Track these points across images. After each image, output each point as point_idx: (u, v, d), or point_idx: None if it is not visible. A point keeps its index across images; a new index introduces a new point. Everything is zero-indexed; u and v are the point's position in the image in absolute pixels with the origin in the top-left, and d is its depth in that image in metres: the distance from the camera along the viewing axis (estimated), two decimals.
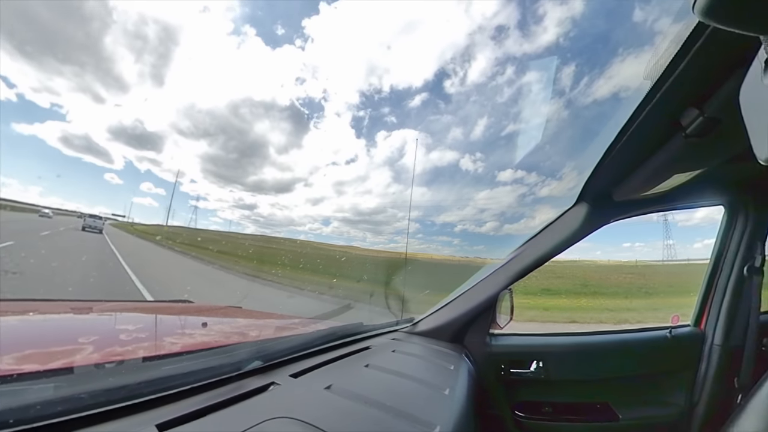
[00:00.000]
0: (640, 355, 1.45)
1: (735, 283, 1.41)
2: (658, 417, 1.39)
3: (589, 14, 47.86)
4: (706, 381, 1.38)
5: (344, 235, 35.13)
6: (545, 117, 5.94)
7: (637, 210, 1.32)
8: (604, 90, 36.06)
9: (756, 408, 0.91)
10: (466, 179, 46.30)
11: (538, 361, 1.36)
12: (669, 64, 0.65)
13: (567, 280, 14.94)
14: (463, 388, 0.89)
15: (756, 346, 1.34)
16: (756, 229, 1.39)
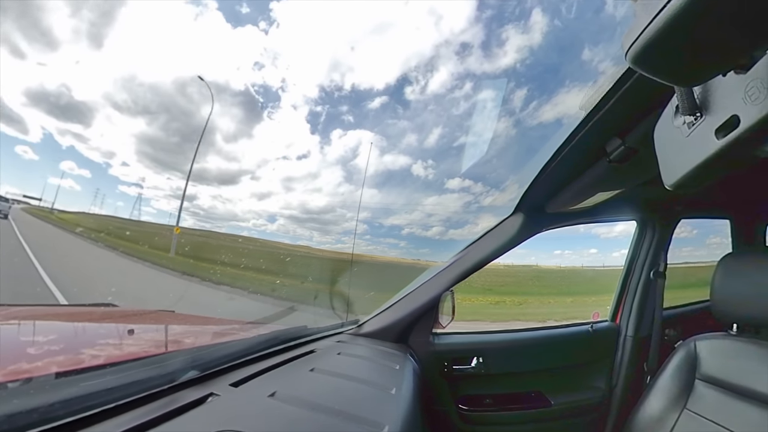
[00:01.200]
0: (566, 347, 1.62)
1: (643, 285, 1.67)
2: (583, 400, 1.56)
3: (545, 46, 51.82)
4: (622, 367, 1.62)
5: (290, 233, 33.97)
6: (493, 132, 6.36)
7: (567, 221, 1.50)
8: (549, 115, 39.37)
9: (660, 387, 1.20)
10: (416, 184, 47.32)
11: (479, 357, 1.45)
12: (601, 99, 0.76)
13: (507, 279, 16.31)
14: (409, 386, 0.91)
15: (660, 336, 1.62)
16: (660, 241, 1.67)
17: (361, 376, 0.89)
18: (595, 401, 1.57)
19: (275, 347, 0.93)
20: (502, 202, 1.54)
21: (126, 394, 0.51)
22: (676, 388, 1.17)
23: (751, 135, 0.38)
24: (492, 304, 12.55)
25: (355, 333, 1.39)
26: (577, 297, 13.69)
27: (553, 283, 19.00)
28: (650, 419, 1.18)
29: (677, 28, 0.30)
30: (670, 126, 0.51)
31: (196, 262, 10.79)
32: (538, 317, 10.33)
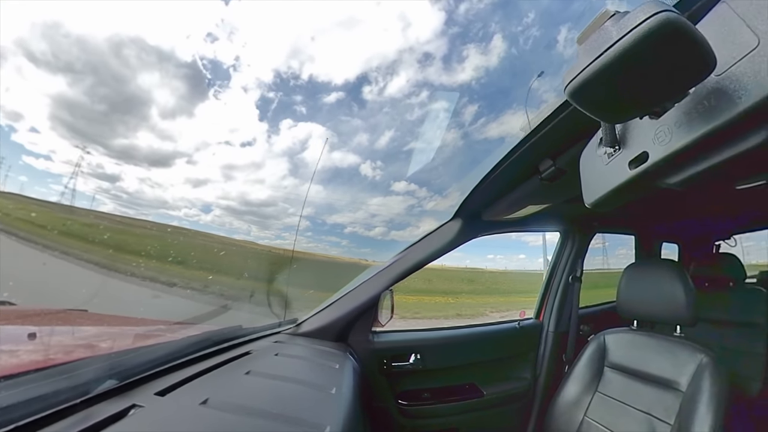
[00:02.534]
0: (496, 342, 1.76)
1: (563, 288, 1.88)
2: (512, 389, 1.72)
3: (500, 70, 54.90)
4: (545, 358, 1.82)
5: (226, 225, 31.85)
6: (441, 141, 6.71)
7: (500, 229, 1.62)
8: (494, 132, 41.84)
9: (576, 374, 1.38)
10: (363, 184, 47.16)
11: (416, 353, 1.51)
12: (540, 124, 0.84)
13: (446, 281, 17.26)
14: (349, 385, 0.91)
15: (576, 331, 1.86)
16: (579, 250, 1.92)
17: (300, 376, 0.88)
18: (522, 389, 1.74)
19: (207, 350, 0.88)
20: (443, 208, 1.63)
21: (28, 413, 0.44)
22: (589, 374, 1.37)
23: (656, 169, 0.46)
24: (446, 303, 13.34)
25: (293, 333, 1.37)
26: (510, 296, 14.95)
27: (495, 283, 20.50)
28: (569, 402, 1.36)
29: (608, 76, 0.35)
30: (594, 154, 0.59)
31: (116, 253, 9.68)
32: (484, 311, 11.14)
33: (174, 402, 0.60)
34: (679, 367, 1.14)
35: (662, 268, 1.28)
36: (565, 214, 1.72)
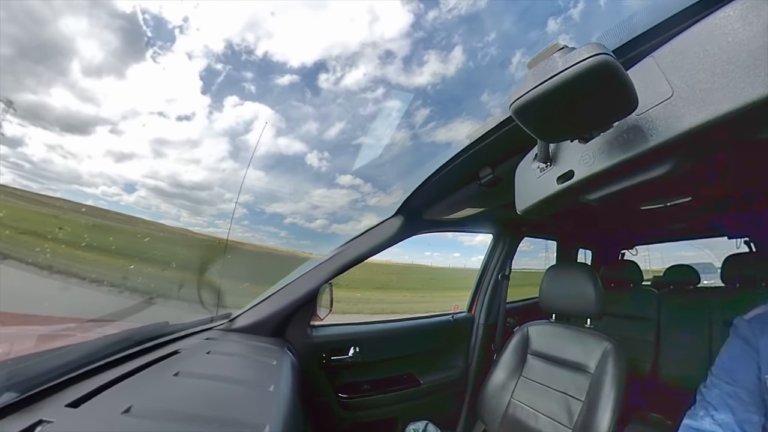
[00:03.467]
0: (432, 334, 1.85)
1: (493, 284, 2.04)
2: (447, 377, 1.83)
3: (456, 80, 56.44)
4: (475, 348, 1.97)
5: (152, 208, 28.88)
6: (390, 139, 6.73)
7: (439, 228, 1.70)
8: (442, 136, 43.17)
9: (503, 362, 1.52)
10: (307, 174, 45.87)
11: (355, 346, 1.53)
12: (484, 134, 0.90)
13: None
14: (287, 381, 0.90)
15: (503, 323, 2.04)
16: (508, 251, 2.11)
17: (235, 375, 0.84)
18: (455, 377, 1.87)
19: (128, 351, 0.81)
20: (386, 204, 1.65)
21: None
22: (515, 361, 1.54)
23: (579, 186, 0.53)
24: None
25: (226, 328, 1.30)
26: (446, 292, 15.72)
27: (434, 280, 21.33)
28: (497, 387, 1.53)
29: (549, 100, 0.39)
30: (528, 167, 0.65)
31: (13, 234, 8.30)
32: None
33: (90, 413, 0.54)
34: (588, 353, 1.33)
35: (577, 271, 1.47)
36: (498, 218, 1.87)
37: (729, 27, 0.35)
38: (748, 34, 0.34)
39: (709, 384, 0.89)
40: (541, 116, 0.42)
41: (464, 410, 1.90)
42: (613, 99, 0.39)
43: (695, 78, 0.38)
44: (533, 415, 1.39)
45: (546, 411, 1.36)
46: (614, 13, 3.91)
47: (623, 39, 0.56)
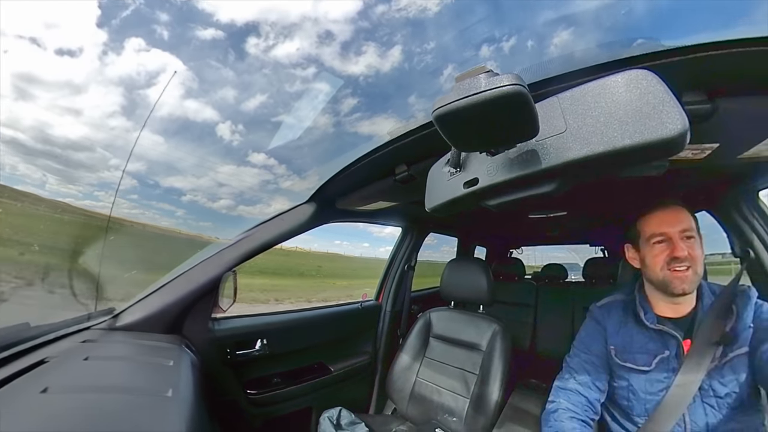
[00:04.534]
0: (341, 322, 1.88)
1: (399, 274, 2.17)
2: (356, 363, 1.87)
3: (389, 76, 56.00)
4: (383, 334, 2.07)
5: (6, 169, 22.17)
6: (312, 122, 6.30)
7: (352, 218, 1.72)
8: (365, 128, 42.94)
9: (408, 345, 1.66)
10: (216, 146, 41.16)
11: (262, 339, 1.46)
12: (405, 133, 0.94)
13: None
14: (188, 383, 0.80)
15: (408, 310, 2.18)
16: (415, 244, 2.25)
17: (123, 383, 0.71)
18: (364, 363, 1.93)
19: None
20: (299, 189, 1.58)
21: None
22: (419, 344, 1.70)
23: (481, 192, 0.60)
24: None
25: (109, 327, 1.09)
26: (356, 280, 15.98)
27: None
28: (404, 368, 1.67)
29: (467, 114, 0.43)
30: (440, 170, 0.71)
31: None
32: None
33: None
34: (481, 334, 1.56)
35: (474, 265, 1.70)
36: (408, 213, 1.96)
37: (615, 89, 0.45)
38: (627, 98, 0.44)
39: (572, 354, 1.13)
40: (459, 127, 0.47)
41: (375, 392, 1.99)
42: (520, 124, 0.46)
43: (584, 121, 0.47)
44: (436, 391, 1.57)
45: (447, 386, 1.56)
46: (537, 55, 4.45)
47: (538, 77, 0.67)
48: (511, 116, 0.44)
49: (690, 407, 0.87)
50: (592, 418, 1.02)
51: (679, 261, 0.90)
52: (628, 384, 0.98)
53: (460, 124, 0.46)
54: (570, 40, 2.13)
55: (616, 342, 1.03)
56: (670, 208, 0.97)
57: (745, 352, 0.86)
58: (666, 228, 0.94)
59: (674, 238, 0.92)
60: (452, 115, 0.44)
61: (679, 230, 0.92)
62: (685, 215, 0.95)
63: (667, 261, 0.92)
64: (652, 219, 0.98)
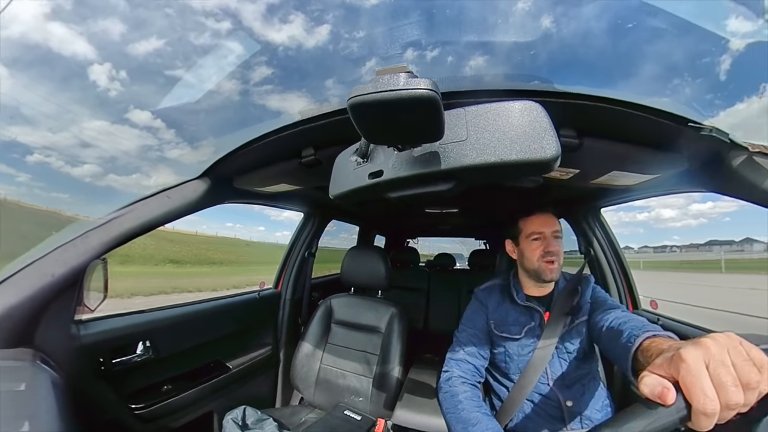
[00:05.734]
0: (238, 313, 1.75)
1: (300, 261, 2.13)
2: (258, 356, 1.79)
3: (311, 53, 51.58)
4: (284, 323, 2.02)
5: None
6: (216, 86, 5.11)
7: (250, 199, 1.60)
8: (275, 103, 39.16)
9: (311, 333, 1.69)
10: (86, 93, 32.32)
11: (145, 340, 1.24)
12: (317, 116, 0.91)
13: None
14: (50, 410, 0.64)
15: (309, 297, 2.17)
16: (316, 231, 2.23)
17: None
18: (266, 355, 1.86)
19: None
20: (189, 161, 1.36)
21: None
22: (321, 331, 1.72)
23: (384, 185, 0.63)
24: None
25: None
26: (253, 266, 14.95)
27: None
28: (307, 356, 1.67)
29: (381, 107, 0.45)
30: (347, 158, 0.72)
31: None
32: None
33: None
34: (380, 317, 1.64)
35: (373, 252, 1.76)
36: (311, 198, 1.91)
37: (512, 113, 0.53)
38: (519, 122, 0.52)
39: (460, 329, 1.29)
40: (371, 118, 0.49)
41: (279, 385, 1.94)
42: (428, 126, 0.50)
43: (483, 134, 0.54)
44: (341, 374, 1.62)
45: (351, 369, 1.62)
46: (453, 69, 4.82)
47: (451, 88, 0.74)
48: (422, 118, 0.48)
49: (550, 362, 1.13)
50: (479, 381, 1.21)
51: (550, 254, 1.14)
52: (505, 350, 1.20)
53: (373, 117, 0.48)
54: (483, 65, 2.37)
55: (495, 317, 1.25)
56: (545, 214, 1.21)
57: (585, 320, 1.14)
58: (543, 228, 1.17)
59: (548, 236, 1.16)
60: (367, 106, 0.45)
61: (552, 231, 1.17)
62: (555, 220, 1.20)
63: (541, 254, 1.16)
64: (532, 221, 1.20)
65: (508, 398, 1.15)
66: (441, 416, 1.11)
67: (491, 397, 1.26)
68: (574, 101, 0.75)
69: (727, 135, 0.71)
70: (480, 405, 1.06)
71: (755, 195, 0.74)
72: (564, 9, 2.25)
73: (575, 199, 1.72)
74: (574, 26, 3.46)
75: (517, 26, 1.29)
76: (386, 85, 0.44)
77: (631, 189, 1.29)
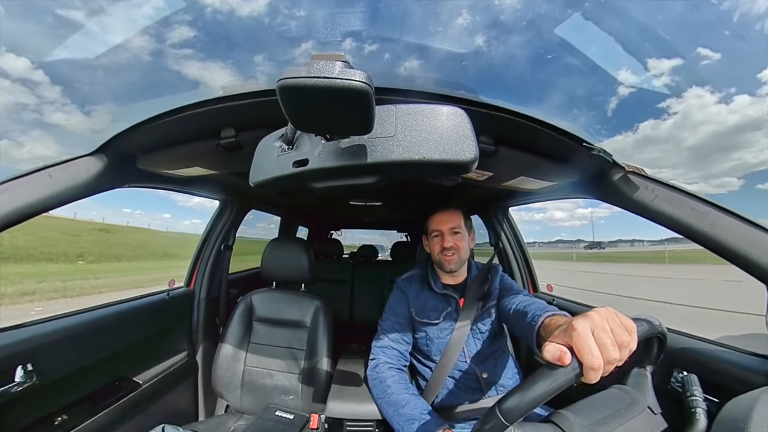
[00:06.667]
0: (146, 318, 1.53)
1: (215, 255, 1.95)
2: (173, 366, 1.60)
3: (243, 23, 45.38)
4: (199, 325, 1.84)
5: None
6: (123, 40, 4.05)
7: (157, 183, 1.37)
8: (193, 71, 34.24)
9: (231, 333, 1.58)
10: None
11: (25, 364, 0.98)
12: (242, 94, 0.84)
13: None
14: None
15: (226, 295, 1.99)
16: (234, 221, 2.05)
17: None
18: (182, 362, 1.67)
19: None
20: (79, 129, 1.02)
21: None
22: (242, 330, 1.61)
23: (308, 174, 0.61)
24: None
25: None
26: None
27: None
28: (229, 358, 1.56)
29: (312, 93, 0.44)
30: (272, 143, 0.67)
31: None
32: None
33: None
34: (304, 311, 1.60)
35: (295, 244, 1.69)
36: (229, 184, 1.75)
37: (439, 116, 0.56)
38: (445, 125, 0.55)
39: (383, 318, 1.36)
40: (301, 104, 0.47)
41: (200, 394, 1.77)
42: (359, 118, 0.50)
43: (410, 132, 0.56)
44: (268, 374, 1.54)
45: (278, 367, 1.55)
46: (388, 66, 4.85)
47: (384, 84, 0.74)
48: (353, 109, 0.47)
49: (466, 342, 1.24)
50: (404, 365, 1.29)
51: (447, 250, 1.26)
52: (426, 334, 1.29)
53: (304, 102, 0.46)
54: (417, 68, 2.46)
55: (416, 305, 1.33)
56: (446, 212, 1.31)
57: (494, 303, 1.28)
58: (440, 226, 1.29)
59: (446, 233, 1.28)
60: (298, 90, 0.44)
61: (449, 228, 1.28)
62: (456, 217, 1.30)
63: (440, 249, 1.28)
64: (434, 219, 1.32)
65: (432, 377, 1.25)
66: (373, 402, 1.16)
67: (417, 378, 1.35)
68: (495, 113, 0.82)
69: (611, 156, 0.86)
70: (407, 387, 1.16)
71: (628, 204, 0.92)
72: (497, 33, 2.46)
73: (488, 198, 1.91)
74: (502, 49, 3.78)
75: (454, 38, 1.38)
76: (321, 71, 0.42)
77: (534, 192, 1.47)
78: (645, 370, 0.72)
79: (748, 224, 0.76)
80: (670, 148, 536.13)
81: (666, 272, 19.10)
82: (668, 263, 26.17)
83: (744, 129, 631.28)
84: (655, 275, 17.87)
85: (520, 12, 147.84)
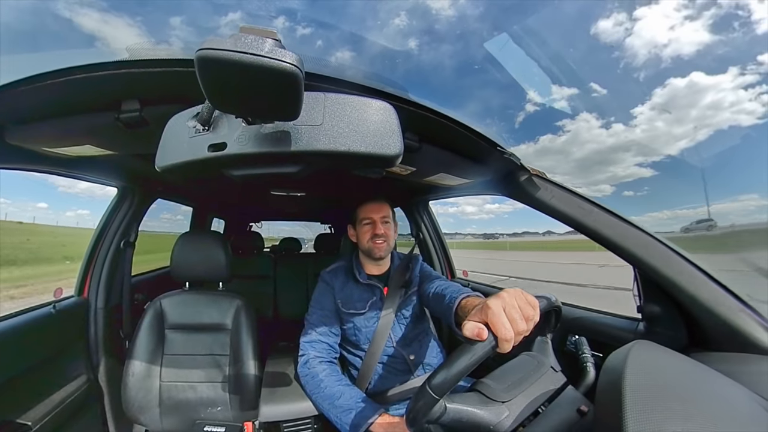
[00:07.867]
0: (26, 341, 1.23)
1: (113, 254, 1.66)
2: (69, 396, 1.33)
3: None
4: (99, 341, 1.56)
5: None
6: None
7: (34, 164, 1.13)
8: (91, 23, 27.36)
9: (140, 346, 1.44)
10: None
11: None
12: (151, 60, 0.71)
13: None
14: None
15: (130, 301, 1.71)
16: (136, 213, 1.75)
17: None
18: (83, 389, 1.40)
19: None
20: None
21: None
22: (153, 341, 1.42)
23: (227, 160, 0.56)
24: None
25: None
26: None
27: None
28: (141, 376, 1.36)
29: (236, 69, 0.39)
30: (184, 122, 0.58)
31: None
32: None
33: None
34: (224, 313, 1.47)
35: (210, 238, 1.54)
36: (129, 168, 1.49)
37: (368, 109, 0.55)
38: (373, 118, 0.55)
39: (310, 312, 1.35)
40: (223, 80, 0.42)
41: (110, 421, 1.52)
42: (285, 103, 0.47)
43: (338, 123, 0.54)
44: (189, 387, 1.40)
45: (199, 378, 1.42)
46: (320, 53, 4.65)
47: (314, 71, 0.71)
48: (280, 92, 0.44)
49: (392, 328, 1.29)
50: (335, 357, 1.30)
51: (378, 237, 1.31)
52: (354, 324, 1.31)
53: (226, 79, 0.42)
54: (349, 59, 2.40)
55: (342, 296, 1.34)
56: (377, 202, 1.36)
57: (416, 290, 1.36)
58: (372, 214, 1.33)
59: (377, 221, 1.32)
60: (221, 64, 0.39)
61: (380, 216, 1.33)
62: (386, 207, 1.36)
63: (371, 236, 1.32)
64: (365, 208, 1.36)
65: (362, 366, 1.29)
66: (307, 399, 1.14)
67: (348, 368, 1.37)
68: (420, 111, 0.86)
69: (519, 159, 0.96)
70: (340, 378, 1.18)
71: (531, 201, 1.04)
72: (429, 39, 2.53)
73: (410, 192, 2.01)
74: (433, 54, 3.89)
75: (390, 36, 1.40)
76: (249, 46, 0.39)
77: (452, 188, 1.58)
78: (546, 338, 0.86)
79: (620, 220, 0.93)
80: (562, 159, 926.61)
81: (554, 258, 22.28)
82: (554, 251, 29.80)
83: (617, 149, 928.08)
84: (533, 260, 20.84)
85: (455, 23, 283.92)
